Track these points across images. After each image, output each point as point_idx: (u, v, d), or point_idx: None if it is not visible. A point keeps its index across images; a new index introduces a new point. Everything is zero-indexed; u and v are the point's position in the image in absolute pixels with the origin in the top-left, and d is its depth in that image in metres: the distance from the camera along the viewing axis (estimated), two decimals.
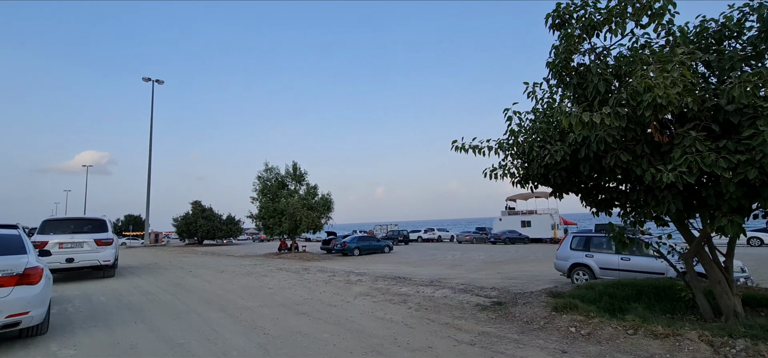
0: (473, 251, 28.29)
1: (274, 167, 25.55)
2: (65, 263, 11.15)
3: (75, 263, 11.30)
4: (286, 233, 23.49)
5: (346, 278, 11.56)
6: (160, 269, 15.59)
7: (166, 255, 24.90)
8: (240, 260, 20.31)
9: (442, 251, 28.22)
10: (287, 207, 22.52)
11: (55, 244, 11.25)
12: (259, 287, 10.08)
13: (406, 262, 21.16)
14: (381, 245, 28.39)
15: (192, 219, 51.81)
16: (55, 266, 10.98)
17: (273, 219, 23.22)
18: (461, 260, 21.80)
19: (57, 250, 11.17)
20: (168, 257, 23.38)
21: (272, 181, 25.38)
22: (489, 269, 17.30)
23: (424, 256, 24.77)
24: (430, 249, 31.40)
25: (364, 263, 20.63)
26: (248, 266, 16.35)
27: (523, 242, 35.69)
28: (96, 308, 7.72)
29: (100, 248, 11.74)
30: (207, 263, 18.54)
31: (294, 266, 16.55)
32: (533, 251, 26.30)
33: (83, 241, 11.55)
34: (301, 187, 25.58)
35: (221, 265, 17.22)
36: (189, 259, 20.99)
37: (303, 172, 25.52)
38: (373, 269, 16.93)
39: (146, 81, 36.54)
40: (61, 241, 11.32)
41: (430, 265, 19.35)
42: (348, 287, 9.83)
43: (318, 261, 21.65)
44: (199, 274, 13.42)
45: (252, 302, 7.86)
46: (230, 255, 25.68)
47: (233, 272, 13.84)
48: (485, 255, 24.27)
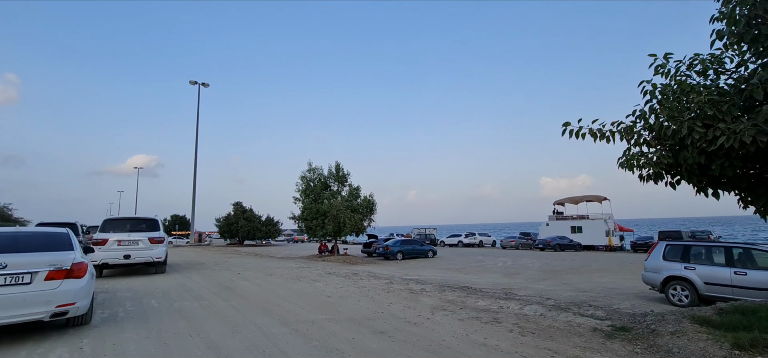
0: (524, 257, 26.38)
1: (317, 167, 24.90)
2: (123, 259, 11.94)
3: (131, 259, 12.05)
4: (330, 235, 22.68)
5: (406, 287, 10.40)
6: (207, 269, 15.08)
7: (210, 255, 24.79)
8: (284, 262, 19.67)
9: (489, 257, 26.52)
10: (330, 209, 21.69)
11: (114, 241, 12.03)
12: (316, 294, 9.11)
13: (455, 268, 19.77)
14: (425, 249, 27.08)
15: (233, 220, 52.57)
16: (114, 261, 11.97)
17: (316, 221, 22.48)
18: (515, 267, 20.12)
19: (115, 247, 11.95)
20: (213, 256, 23.20)
21: (315, 181, 24.70)
22: (552, 278, 15.61)
23: (470, 262, 23.23)
24: (475, 254, 29.72)
25: (412, 268, 19.43)
26: (295, 269, 15.56)
27: (574, 248, 33.21)
28: (147, 312, 6.99)
29: (153, 246, 12.42)
30: (252, 264, 17.98)
31: (342, 270, 15.60)
32: (592, 259, 24.10)
33: (138, 239, 12.27)
34: (344, 188, 24.74)
35: (267, 267, 16.56)
36: (234, 259, 20.60)
37: (346, 172, 24.69)
38: (426, 275, 15.70)
39: (193, 84, 37.21)
40: (120, 238, 12.05)
41: (483, 272, 17.85)
42: (414, 297, 8.67)
43: (363, 265, 20.67)
44: (248, 276, 12.70)
45: (316, 314, 6.86)
46: (272, 257, 25.23)
47: (283, 276, 13.02)
48: (539, 262, 22.41)
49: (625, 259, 24.71)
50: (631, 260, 24.01)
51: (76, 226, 20.71)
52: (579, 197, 37.93)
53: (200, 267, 15.76)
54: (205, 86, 38.00)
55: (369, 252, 28.61)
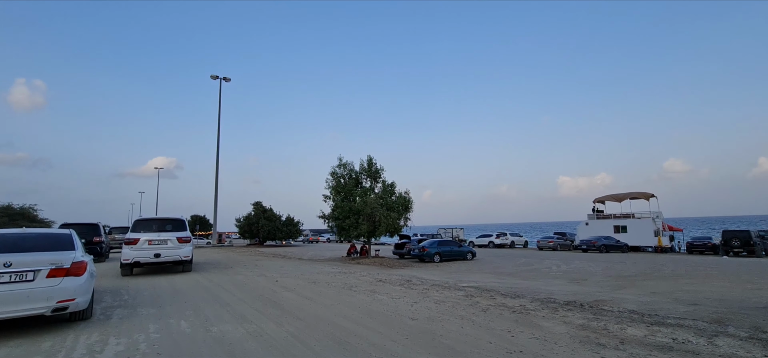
0: (574, 260, 23.85)
1: (347, 162, 22.88)
2: (153, 258, 12.22)
3: (161, 258, 12.32)
4: (364, 236, 20.64)
5: (495, 301, 8.26)
6: (238, 272, 13.22)
7: (235, 256, 23.07)
8: (317, 265, 17.73)
9: (534, 260, 24.10)
10: (364, 207, 19.66)
11: (145, 241, 12.27)
12: (392, 313, 7.02)
13: (507, 272, 17.48)
14: (463, 251, 24.78)
15: (254, 220, 51.15)
16: (145, 260, 12.25)
17: (349, 220, 20.46)
18: (573, 271, 17.70)
19: (146, 246, 12.20)
20: (238, 257, 21.47)
21: (346, 177, 22.70)
22: (631, 286, 13.20)
23: (518, 265, 20.86)
24: (515, 256, 27.28)
25: (459, 272, 17.23)
26: (338, 275, 13.56)
27: (620, 250, 30.49)
28: (182, 347, 5.00)
29: (181, 245, 12.71)
30: (284, 268, 16.07)
31: (390, 276, 13.53)
32: (655, 263, 21.46)
33: (167, 239, 12.52)
34: (377, 184, 22.66)
35: (303, 271, 14.62)
36: (262, 262, 18.77)
37: (379, 168, 22.60)
38: (487, 282, 13.48)
39: (214, 79, 35.72)
40: (150, 238, 12.27)
41: (544, 278, 15.53)
42: (528, 320, 6.52)
43: (404, 268, 18.57)
44: (290, 285, 10.73)
45: (413, 349, 4.78)
46: (300, 258, 23.33)
47: (329, 284, 11.02)
48: (597, 266, 19.92)
49: (690, 262, 22.01)
50: (698, 262, 21.32)
51: (97, 226, 19.40)
52: (623, 194, 35.07)
53: (229, 270, 13.93)
54: (227, 81, 36.52)
55: (401, 254, 26.51)
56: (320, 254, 29.41)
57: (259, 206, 53.73)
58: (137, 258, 12.11)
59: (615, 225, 33.80)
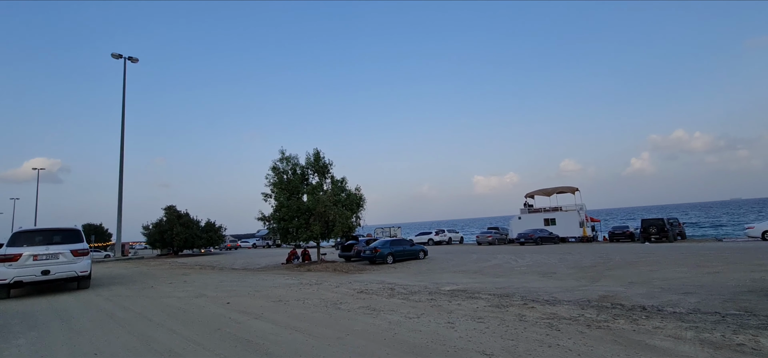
0: (526, 253, 23.95)
1: (291, 156, 20.05)
2: (40, 275, 10.78)
3: (51, 275, 10.95)
4: (315, 238, 18.09)
5: (520, 306, 6.73)
6: (167, 294, 10.01)
7: (149, 270, 18.81)
8: (263, 276, 14.85)
9: (484, 255, 23.76)
10: (316, 205, 17.18)
11: (28, 256, 10.84)
12: (446, 348, 5.02)
13: (471, 270, 16.47)
14: (415, 250, 23.49)
15: (166, 227, 44.43)
16: (29, 278, 10.79)
17: (297, 220, 17.75)
18: (537, 265, 17.33)
19: (31, 262, 10.82)
20: (155, 271, 17.43)
21: (289, 172, 19.87)
22: (605, 278, 12.90)
23: (473, 262, 20.10)
24: (462, 253, 26.80)
25: (423, 273, 15.75)
26: (298, 287, 11.07)
27: (553, 241, 32.00)
28: None
29: (77, 259, 11.41)
30: (224, 282, 13.00)
31: (366, 285, 11.42)
32: (596, 252, 22.34)
33: (59, 252, 11.15)
34: (325, 180, 20.22)
35: (252, 284, 11.83)
36: (190, 276, 15.26)
37: (327, 162, 20.18)
38: (464, 282, 12.13)
39: (116, 58, 29.60)
40: (36, 253, 10.89)
41: (513, 274, 14.73)
42: (606, 336, 5.04)
43: (363, 272, 16.54)
44: (248, 307, 8.08)
45: None
46: (233, 268, 19.90)
47: (300, 301, 8.61)
48: (552, 258, 19.98)
49: (622, 249, 23.38)
50: (629, 249, 22.70)
51: None
52: (551, 189, 37.15)
53: (150, 290, 10.67)
54: (134, 62, 30.57)
55: (348, 256, 24.37)
56: (253, 262, 25.84)
57: (172, 210, 46.94)
58: (18, 277, 10.54)
59: (545, 218, 35.51)
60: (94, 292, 11.17)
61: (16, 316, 7.67)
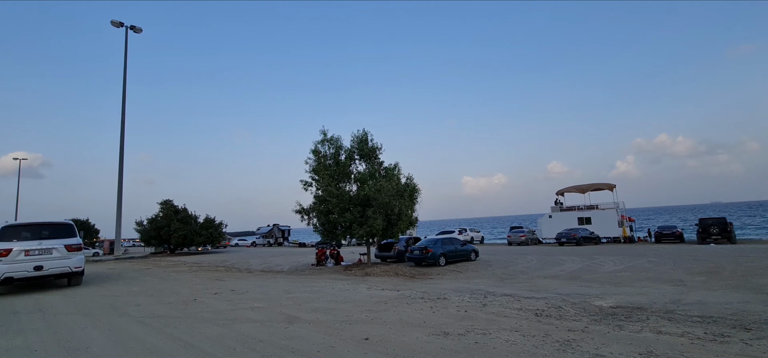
0: (598, 255, 20.97)
1: (335, 137, 16.58)
2: (33, 271, 10.26)
3: (44, 270, 10.43)
4: (377, 235, 14.65)
5: (714, 333, 3.57)
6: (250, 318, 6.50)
7: (164, 272, 15.05)
8: (321, 283, 11.38)
9: (539, 257, 20.70)
10: (378, 194, 13.79)
11: (20, 251, 10.32)
12: None
13: (552, 275, 13.39)
14: (467, 250, 20.30)
15: (163, 223, 40.15)
16: (21, 274, 10.28)
17: (350, 213, 14.29)
18: (635, 270, 14.28)
19: (22, 257, 10.26)
20: (175, 275, 13.71)
21: (332, 158, 16.40)
22: (721, 284, 9.90)
23: (533, 264, 17.01)
24: (505, 254, 23.66)
25: (500, 279, 12.57)
26: (405, 302, 7.65)
27: (594, 242, 29.22)
28: None
29: (71, 254, 10.97)
30: (291, 293, 9.48)
31: (446, 292, 8.08)
32: (670, 255, 19.49)
33: (52, 247, 10.69)
34: (373, 168, 16.79)
35: (329, 297, 8.36)
36: (225, 283, 11.66)
37: (376, 145, 16.75)
38: (586, 292, 8.92)
39: (117, 26, 25.37)
40: (27, 248, 10.38)
41: (624, 282, 11.63)
42: None
43: (434, 279, 13.23)
44: (410, 348, 4.68)
45: None
46: (250, 271, 16.34)
47: (406, 324, 5.22)
48: (643, 261, 16.99)
49: (690, 251, 20.63)
50: (698, 251, 19.94)
51: None
52: (585, 186, 34.41)
53: (201, 306, 7.10)
54: (137, 31, 26.44)
55: (386, 257, 21.01)
56: (272, 263, 22.13)
57: (169, 205, 42.66)
58: (9, 273, 10.01)
59: (579, 217, 32.77)
60: (92, 292, 7.59)
61: None
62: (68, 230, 11.29)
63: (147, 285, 11.23)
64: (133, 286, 11.10)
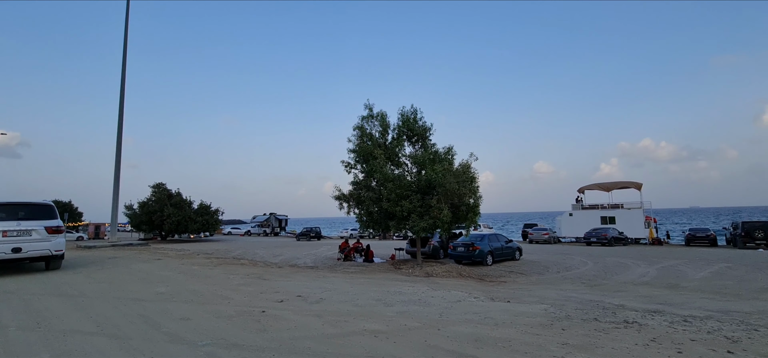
0: (660, 257, 19.13)
1: (382, 113, 14.09)
2: (11, 253, 9.59)
3: (23, 253, 9.79)
4: (443, 228, 12.27)
5: None
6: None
7: (180, 265, 12.34)
8: (370, 285, 8.97)
9: (582, 258, 18.79)
10: (445, 179, 11.44)
11: None
12: None
13: (616, 278, 11.42)
14: (512, 248, 18.24)
15: (155, 207, 36.85)
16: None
17: (408, 202, 11.87)
18: (713, 277, 12.39)
19: (0, 238, 9.54)
20: (186, 268, 11.03)
21: (377, 136, 13.92)
22: None
23: (584, 266, 15.06)
24: (543, 253, 21.69)
25: (576, 282, 10.47)
26: (544, 327, 5.33)
27: (623, 242, 27.61)
28: None
29: (52, 237, 10.29)
30: (345, 297, 7.08)
31: (565, 300, 5.89)
32: (739, 260, 17.79)
33: (32, 229, 10.00)
34: (420, 149, 14.37)
35: (424, 314, 6.00)
36: (270, 282, 9.13)
37: (427, 125, 14.32)
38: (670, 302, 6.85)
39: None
40: (5, 229, 9.73)
41: (692, 289, 9.67)
42: None
43: (501, 282, 11.01)
44: None
45: None
46: (267, 264, 13.84)
47: None
48: (716, 267, 15.15)
49: (751, 258, 19.03)
50: (760, 258, 18.36)
51: None
52: (610, 183, 32.72)
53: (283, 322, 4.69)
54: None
55: (423, 253, 18.72)
56: (289, 255, 19.53)
57: (161, 189, 39.34)
58: None
59: (602, 216, 31.13)
60: None
61: None
62: (48, 211, 10.66)
63: (174, 283, 8.58)
64: (157, 284, 8.42)
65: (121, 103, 22.22)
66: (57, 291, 7.56)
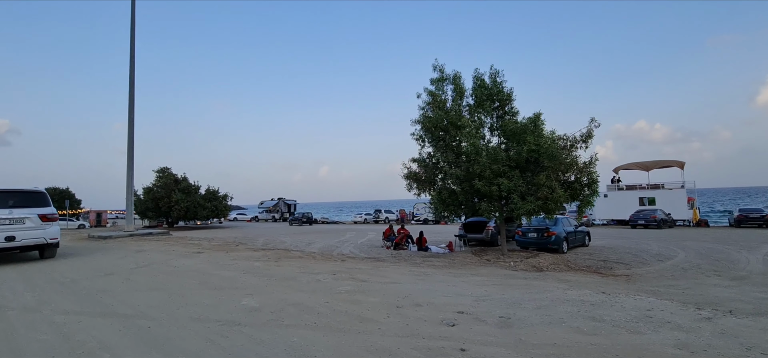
0: (692, 240, 17.25)
1: (457, 75, 11.71)
2: (4, 242, 9.28)
3: (17, 241, 9.50)
4: (555, 209, 10.03)
5: None
6: None
7: (223, 259, 10.05)
8: (462, 280, 6.83)
9: (666, 242, 16.90)
10: (555, 149, 9.25)
11: None
12: None
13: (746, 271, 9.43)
14: (583, 233, 16.30)
15: (162, 193, 34.18)
16: None
17: (507, 181, 9.62)
18: None
19: None
20: (255, 269, 8.79)
21: (453, 100, 11.57)
22: None
23: (685, 256, 13.13)
24: (601, 237, 19.73)
25: (714, 280, 8.43)
26: None
27: (669, 226, 25.83)
28: None
29: (46, 225, 10.09)
30: (501, 309, 4.94)
31: None
32: None
33: (25, 216, 9.72)
34: (499, 118, 12.05)
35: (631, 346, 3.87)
36: (373, 283, 6.93)
37: (508, 91, 11.96)
38: None
39: None
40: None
41: None
42: None
43: (638, 277, 8.94)
44: None
45: None
46: (312, 255, 11.65)
47: None
48: None
49: None
50: None
51: None
52: (651, 162, 30.76)
53: None
54: None
55: (479, 239, 16.65)
56: (320, 244, 17.29)
57: (167, 174, 36.54)
58: None
59: (641, 197, 29.33)
60: None
61: None
62: (41, 199, 10.32)
63: (255, 291, 6.28)
64: (231, 292, 6.14)
65: (131, 82, 19.50)
66: (99, 307, 5.26)
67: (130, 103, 19.39)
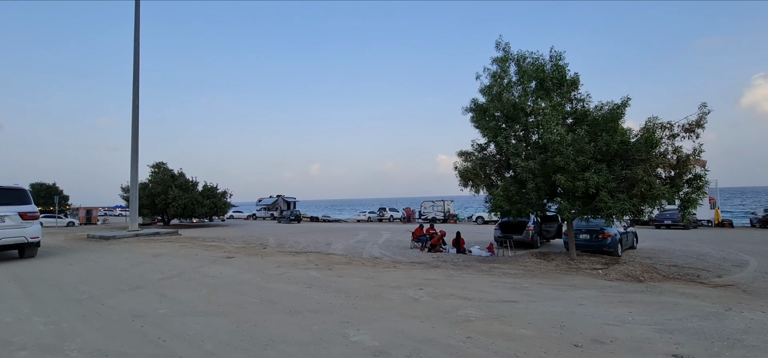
0: (735, 242, 16.30)
1: (521, 56, 10.33)
2: None
3: None
4: (653, 209, 8.75)
5: None
6: None
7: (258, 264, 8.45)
8: (554, 288, 5.51)
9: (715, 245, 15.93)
10: (651, 137, 8.00)
11: None
12: None
13: None
14: (632, 234, 15.25)
15: (158, 189, 32.05)
16: None
17: (594, 174, 8.29)
18: None
19: None
20: (302, 278, 7.24)
21: (521, 82, 10.19)
22: None
23: (740, 257, 12.10)
24: None
25: None
26: None
27: (684, 226, 25.03)
28: None
29: (26, 223, 9.71)
30: None
31: None
32: None
33: (4, 214, 9.32)
34: (565, 103, 10.67)
35: None
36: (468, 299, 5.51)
37: (573, 76, 10.61)
38: None
39: None
40: None
41: None
42: None
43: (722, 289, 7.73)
44: None
45: None
46: (364, 263, 10.22)
47: None
48: None
49: None
50: None
51: None
52: None
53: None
54: None
55: (515, 240, 15.34)
56: (336, 243, 15.78)
57: (163, 169, 34.44)
58: None
59: None
60: None
61: None
62: (21, 196, 9.95)
63: (350, 315, 4.82)
64: (341, 326, 4.66)
65: (135, 76, 17.65)
66: (145, 345, 3.70)
67: (135, 97, 17.59)
